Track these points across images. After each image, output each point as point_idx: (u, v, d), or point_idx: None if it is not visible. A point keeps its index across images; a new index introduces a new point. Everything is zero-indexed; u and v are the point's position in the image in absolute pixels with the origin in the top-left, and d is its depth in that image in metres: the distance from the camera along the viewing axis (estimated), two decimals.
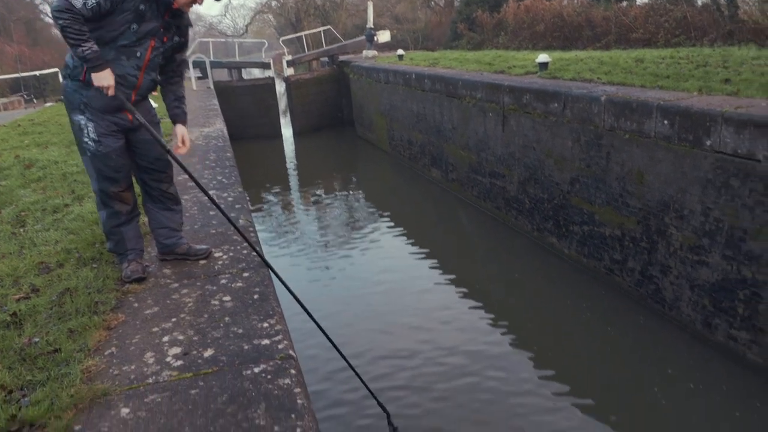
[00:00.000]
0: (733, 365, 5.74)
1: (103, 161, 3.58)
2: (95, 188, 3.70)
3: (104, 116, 3.53)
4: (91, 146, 3.55)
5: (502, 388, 5.72)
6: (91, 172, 3.67)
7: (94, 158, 3.58)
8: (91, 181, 3.72)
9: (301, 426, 2.30)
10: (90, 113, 3.49)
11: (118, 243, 3.83)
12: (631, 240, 6.96)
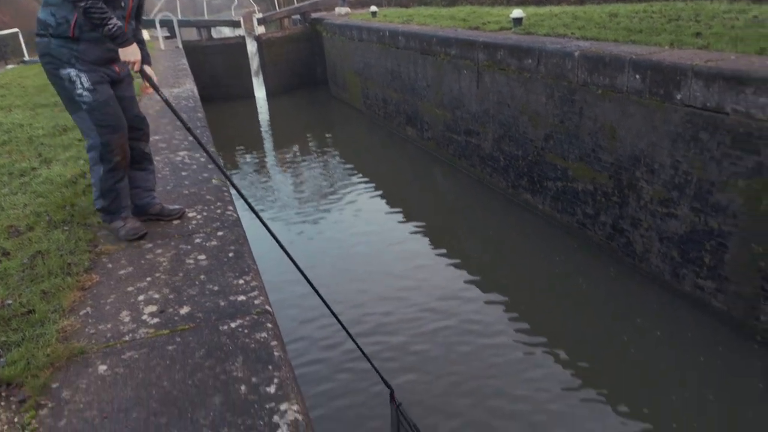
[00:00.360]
0: (699, 313, 5.95)
1: (101, 109, 3.51)
2: (95, 143, 3.58)
3: (96, 68, 3.47)
4: (86, 97, 3.45)
5: (477, 341, 5.87)
6: (88, 129, 3.55)
7: (91, 110, 3.49)
8: (89, 140, 3.59)
9: (279, 376, 2.34)
10: (81, 65, 3.42)
11: (113, 201, 3.77)
12: (603, 194, 7.08)
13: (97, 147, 3.59)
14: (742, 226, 5.44)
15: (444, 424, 4.84)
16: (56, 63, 3.42)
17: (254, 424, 2.10)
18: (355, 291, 6.89)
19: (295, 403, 2.20)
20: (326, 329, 6.01)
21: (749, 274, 5.45)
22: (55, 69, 3.43)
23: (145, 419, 2.18)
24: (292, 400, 2.21)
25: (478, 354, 5.67)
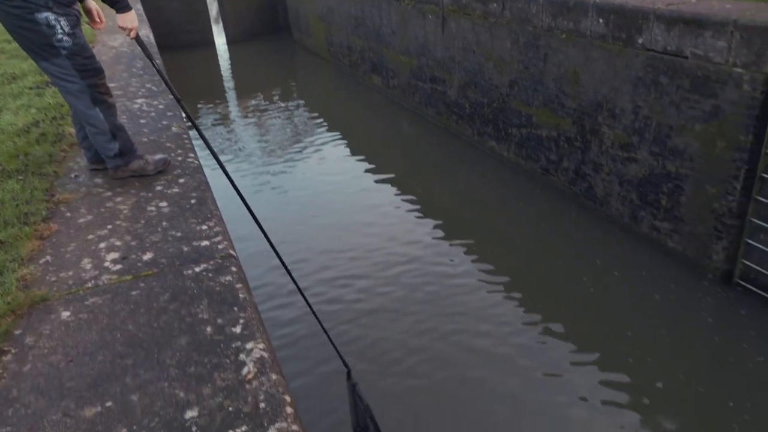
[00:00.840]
0: (655, 254, 6.17)
1: (82, 53, 3.43)
2: (81, 88, 3.47)
3: (68, 9, 3.35)
4: (66, 42, 3.34)
5: (441, 282, 6.00)
6: (67, 75, 3.43)
7: (72, 55, 3.38)
8: (70, 86, 3.47)
9: (244, 317, 2.37)
10: (58, 8, 3.28)
11: (126, 140, 3.76)
12: (566, 140, 7.17)
13: (85, 91, 3.49)
14: (697, 169, 5.60)
15: (408, 359, 4.99)
16: (30, 7, 3.23)
17: (221, 363, 2.14)
18: (322, 237, 6.93)
19: (261, 342, 2.23)
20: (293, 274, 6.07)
21: (703, 215, 5.65)
22: (29, 13, 3.24)
23: (110, 361, 2.20)
24: (258, 340, 2.24)
25: (442, 293, 5.83)
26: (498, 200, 7.63)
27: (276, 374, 2.08)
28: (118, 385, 2.08)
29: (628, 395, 4.55)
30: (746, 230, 5.34)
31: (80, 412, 1.98)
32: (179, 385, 2.05)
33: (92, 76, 3.50)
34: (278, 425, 1.85)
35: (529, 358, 4.99)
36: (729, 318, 5.27)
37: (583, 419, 4.39)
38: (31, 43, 3.35)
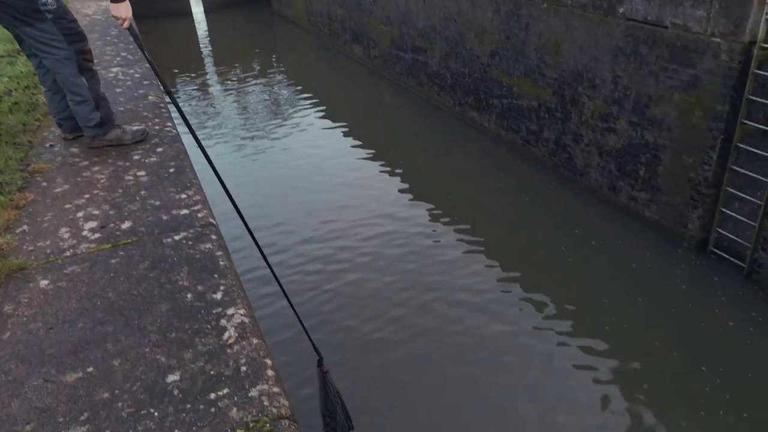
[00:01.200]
0: (632, 223, 6.26)
1: (66, 16, 3.42)
2: (68, 54, 3.44)
3: None
4: (51, 5, 3.31)
5: (421, 243, 6.06)
6: (54, 40, 3.39)
7: (58, 19, 3.36)
8: (57, 53, 3.42)
9: (224, 284, 2.37)
10: None
11: (107, 110, 3.74)
12: (547, 111, 7.19)
13: (72, 57, 3.45)
14: (675, 138, 5.66)
15: (386, 313, 5.13)
16: None
17: (201, 328, 2.15)
18: (302, 207, 6.93)
19: (242, 308, 2.24)
20: (272, 239, 6.12)
21: (680, 184, 5.73)
22: None
23: (91, 328, 2.19)
24: (239, 305, 2.26)
25: (421, 254, 5.95)
26: (479, 171, 7.66)
27: (257, 338, 2.09)
28: (99, 352, 2.08)
29: (605, 362, 4.66)
30: (721, 199, 5.44)
31: (61, 378, 1.98)
32: (160, 351, 2.06)
33: (79, 40, 3.48)
34: (260, 387, 1.87)
35: (507, 325, 5.08)
36: (703, 285, 5.40)
37: (561, 386, 4.50)
38: (15, 10, 3.28)
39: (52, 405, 1.88)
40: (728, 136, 5.22)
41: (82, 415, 1.83)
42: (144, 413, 1.82)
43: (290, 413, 1.82)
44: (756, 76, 4.87)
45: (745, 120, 5.04)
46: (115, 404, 1.86)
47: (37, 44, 3.38)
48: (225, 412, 1.79)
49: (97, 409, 1.85)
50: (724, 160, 5.33)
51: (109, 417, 1.82)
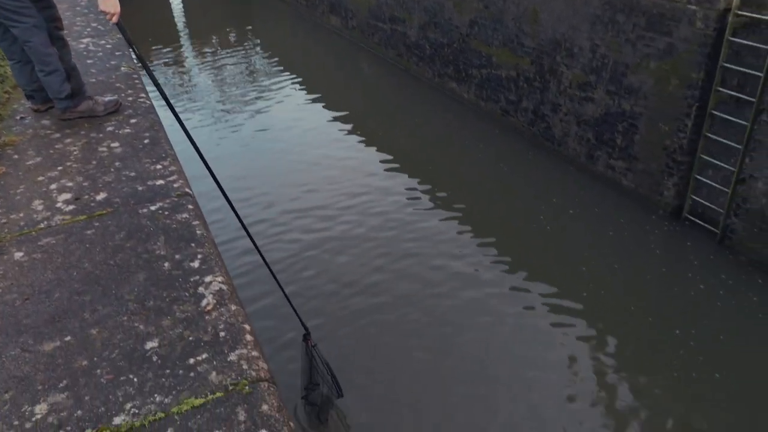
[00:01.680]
0: (610, 191, 6.34)
1: None
2: (38, 23, 3.35)
3: None
4: None
5: (402, 220, 6.08)
6: (26, 7, 3.29)
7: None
8: (27, 21, 3.32)
9: (202, 252, 2.37)
10: None
11: (78, 81, 3.66)
12: (526, 80, 7.19)
13: (41, 26, 3.35)
14: (651, 107, 5.71)
15: (364, 279, 5.21)
16: None
17: (180, 296, 2.15)
18: (282, 171, 6.94)
19: (220, 276, 2.25)
20: (252, 210, 6.13)
21: (656, 152, 5.80)
22: None
23: (68, 298, 2.19)
24: (216, 273, 2.26)
25: (400, 222, 6.02)
26: (458, 141, 7.67)
27: (235, 305, 2.11)
28: (76, 321, 2.08)
29: (582, 328, 4.76)
30: (696, 166, 5.52)
31: (39, 347, 1.98)
32: (138, 319, 2.06)
33: (48, 7, 3.40)
34: (238, 352, 1.89)
35: (484, 288, 5.15)
36: (677, 251, 5.51)
37: (539, 352, 4.59)
38: None
39: (31, 373, 1.88)
40: (703, 104, 5.28)
41: (61, 383, 1.84)
42: (123, 379, 1.83)
43: (269, 376, 1.84)
44: (730, 44, 4.91)
45: (719, 87, 5.10)
46: (94, 371, 1.87)
47: (4, 12, 3.27)
48: (204, 376, 1.81)
49: (76, 377, 1.86)
50: (698, 128, 5.40)
51: (88, 384, 1.83)
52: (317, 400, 3.73)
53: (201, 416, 1.68)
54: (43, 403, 1.77)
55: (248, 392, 1.75)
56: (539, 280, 5.25)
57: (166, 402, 1.74)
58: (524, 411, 4.10)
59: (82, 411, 1.74)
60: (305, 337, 3.80)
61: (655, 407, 4.09)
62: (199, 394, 1.76)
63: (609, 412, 4.07)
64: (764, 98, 4.71)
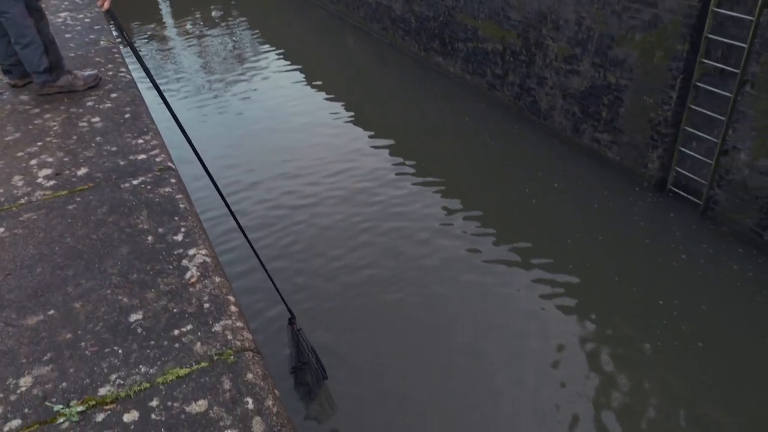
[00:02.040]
0: (595, 164, 6.37)
1: None
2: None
3: None
4: None
5: (389, 192, 6.10)
6: None
7: None
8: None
9: (185, 226, 2.36)
10: None
11: (57, 54, 3.58)
12: (512, 54, 7.16)
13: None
14: (636, 79, 5.72)
15: (349, 254, 5.26)
16: None
17: (163, 269, 2.15)
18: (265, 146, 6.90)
19: (204, 248, 2.25)
20: (236, 185, 6.12)
21: (640, 125, 5.83)
22: None
23: (51, 273, 2.18)
24: (200, 246, 2.26)
25: (383, 195, 6.06)
26: (443, 116, 7.64)
27: (219, 277, 2.11)
28: (59, 295, 2.07)
29: (565, 299, 4.81)
30: (680, 139, 5.55)
31: (22, 321, 1.97)
32: (122, 292, 2.06)
33: None
34: (223, 323, 1.90)
35: (469, 264, 5.19)
36: (661, 222, 5.57)
37: (522, 322, 4.65)
38: None
39: (15, 347, 1.88)
40: (687, 76, 5.29)
41: (45, 356, 1.84)
42: (108, 351, 1.83)
43: (254, 346, 1.85)
44: (715, 14, 4.91)
45: (703, 59, 5.11)
46: (78, 344, 1.87)
47: None
48: (189, 347, 1.82)
49: (61, 350, 1.86)
50: (683, 100, 5.42)
51: (73, 356, 1.83)
52: (307, 379, 3.78)
53: (186, 386, 1.70)
54: (28, 376, 1.77)
55: (233, 362, 1.76)
56: (524, 252, 5.29)
57: (151, 372, 1.75)
58: (508, 378, 4.17)
59: (67, 383, 1.74)
60: (290, 321, 3.85)
61: (637, 375, 4.17)
62: (184, 364, 1.76)
63: (592, 380, 4.15)
64: (748, 69, 4.73)
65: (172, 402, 1.65)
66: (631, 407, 3.95)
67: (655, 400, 3.98)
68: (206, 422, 1.58)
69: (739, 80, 4.81)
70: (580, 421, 3.88)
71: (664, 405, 3.95)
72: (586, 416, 3.91)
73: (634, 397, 4.01)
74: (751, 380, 4.07)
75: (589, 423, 3.86)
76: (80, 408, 1.66)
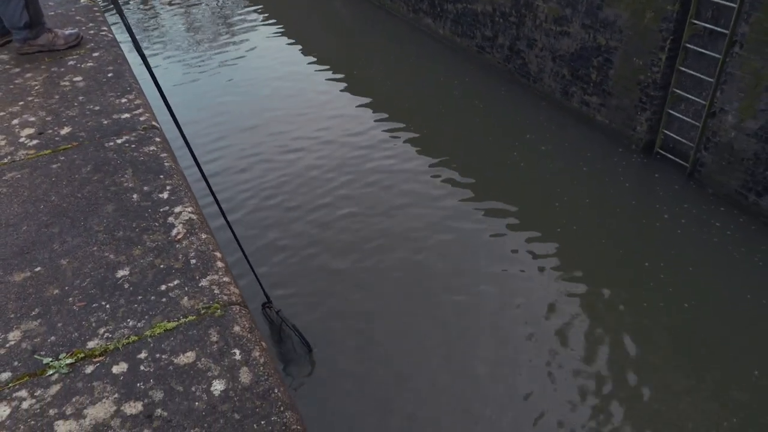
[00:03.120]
0: (584, 127, 6.37)
1: None
2: None
3: None
4: None
5: (377, 154, 6.10)
6: None
7: None
8: None
9: (171, 184, 2.35)
10: None
11: (37, 11, 3.46)
12: (501, 15, 7.07)
13: None
14: (626, 41, 5.68)
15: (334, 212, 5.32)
16: None
17: (149, 226, 2.15)
18: (258, 111, 6.82)
19: (189, 206, 2.24)
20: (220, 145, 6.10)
21: (629, 87, 5.81)
22: None
23: (36, 231, 2.17)
24: (186, 204, 2.25)
25: (371, 157, 6.11)
26: (433, 78, 7.58)
27: (205, 234, 2.11)
28: (46, 252, 2.07)
29: (552, 261, 4.88)
30: (668, 101, 5.56)
31: (9, 278, 1.97)
32: (108, 249, 2.06)
33: None
34: (210, 278, 1.91)
35: (457, 226, 5.23)
36: (648, 184, 5.61)
37: (509, 282, 4.71)
38: None
39: (2, 303, 1.88)
40: (677, 37, 5.26)
41: (33, 311, 1.85)
42: (95, 306, 1.84)
43: (241, 300, 1.87)
44: None
45: (694, 20, 5.08)
46: (66, 299, 1.88)
47: None
48: (176, 301, 1.83)
49: (48, 305, 1.87)
50: (672, 62, 5.40)
51: (61, 311, 1.84)
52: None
53: (174, 338, 1.71)
54: (17, 330, 1.78)
55: (220, 315, 1.78)
56: (512, 215, 5.33)
57: (139, 326, 1.76)
58: (492, 341, 4.25)
59: (55, 337, 1.75)
60: (266, 306, 3.96)
61: (623, 335, 4.25)
62: (172, 318, 1.78)
63: (576, 339, 4.24)
64: (737, 30, 4.71)
65: (161, 354, 1.67)
66: (618, 367, 4.04)
67: (642, 360, 4.07)
68: (194, 372, 1.61)
69: (729, 41, 4.79)
70: (565, 384, 3.97)
71: (651, 364, 4.04)
72: (570, 377, 4.00)
73: (620, 358, 4.10)
74: (738, 336, 4.17)
75: (571, 385, 3.95)
76: (69, 360, 1.67)
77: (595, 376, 3.97)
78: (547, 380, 3.95)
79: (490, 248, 5.02)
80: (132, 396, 1.56)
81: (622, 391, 3.87)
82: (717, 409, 3.73)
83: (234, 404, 1.52)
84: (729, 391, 3.83)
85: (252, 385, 1.57)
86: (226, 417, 1.49)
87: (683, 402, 3.78)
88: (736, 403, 3.76)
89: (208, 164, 5.86)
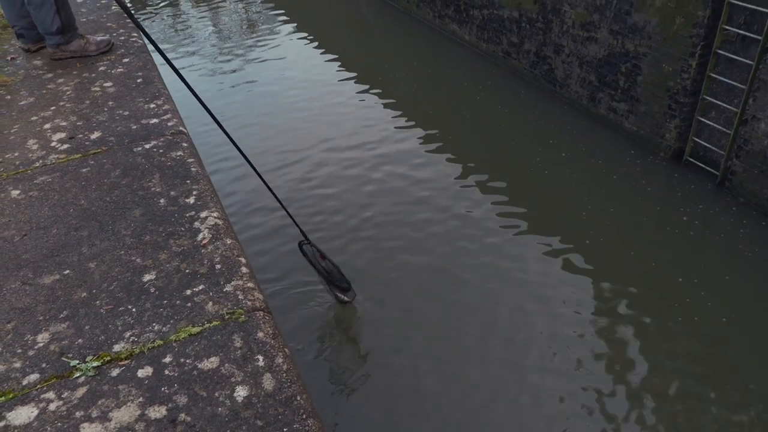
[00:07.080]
0: (612, 135, 6.28)
1: None
2: None
3: None
4: None
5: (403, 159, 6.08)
6: None
7: None
8: None
9: (197, 189, 2.38)
10: None
11: (69, 16, 3.55)
12: (528, 21, 7.02)
13: None
14: (655, 47, 5.60)
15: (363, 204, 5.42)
16: None
17: (176, 231, 2.17)
18: (280, 123, 6.86)
19: (215, 211, 2.26)
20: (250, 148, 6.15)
21: (658, 94, 5.72)
22: None
23: (65, 234, 2.21)
24: (212, 208, 2.27)
25: (397, 161, 6.11)
26: (458, 84, 7.56)
27: (231, 239, 2.12)
28: (75, 255, 2.10)
29: (580, 271, 4.79)
30: (699, 108, 5.45)
31: (39, 280, 2.01)
32: (135, 253, 2.08)
33: None
34: (234, 283, 1.92)
35: (482, 230, 5.18)
36: (677, 193, 5.50)
37: (538, 293, 4.65)
38: None
39: (32, 305, 1.92)
40: (708, 43, 5.17)
41: (62, 313, 1.87)
42: (122, 309, 1.87)
43: (264, 306, 1.87)
44: None
45: (725, 25, 4.98)
46: (94, 302, 1.90)
47: None
48: (201, 306, 1.84)
49: (76, 308, 1.89)
50: (702, 68, 5.30)
51: (88, 314, 1.86)
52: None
53: (198, 343, 1.72)
54: (45, 333, 1.81)
55: (244, 321, 1.79)
56: (537, 223, 5.27)
57: (164, 330, 1.78)
58: (514, 352, 4.20)
59: (83, 339, 1.78)
60: (303, 243, 3.95)
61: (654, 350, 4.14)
62: (196, 322, 1.79)
63: (603, 354, 4.16)
64: None
65: (185, 359, 1.68)
66: (649, 380, 3.95)
67: (676, 376, 3.96)
68: (218, 378, 1.61)
69: (762, 47, 4.69)
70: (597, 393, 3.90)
71: (686, 382, 3.93)
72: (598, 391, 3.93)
73: (651, 372, 4.00)
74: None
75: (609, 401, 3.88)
76: (96, 363, 1.69)
77: (621, 390, 3.89)
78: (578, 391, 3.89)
79: (512, 258, 4.96)
80: (156, 400, 1.57)
81: (662, 414, 3.78)
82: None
83: (257, 411, 1.52)
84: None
85: (275, 392, 1.57)
86: (249, 423, 1.49)
87: (725, 417, 3.69)
88: None
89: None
